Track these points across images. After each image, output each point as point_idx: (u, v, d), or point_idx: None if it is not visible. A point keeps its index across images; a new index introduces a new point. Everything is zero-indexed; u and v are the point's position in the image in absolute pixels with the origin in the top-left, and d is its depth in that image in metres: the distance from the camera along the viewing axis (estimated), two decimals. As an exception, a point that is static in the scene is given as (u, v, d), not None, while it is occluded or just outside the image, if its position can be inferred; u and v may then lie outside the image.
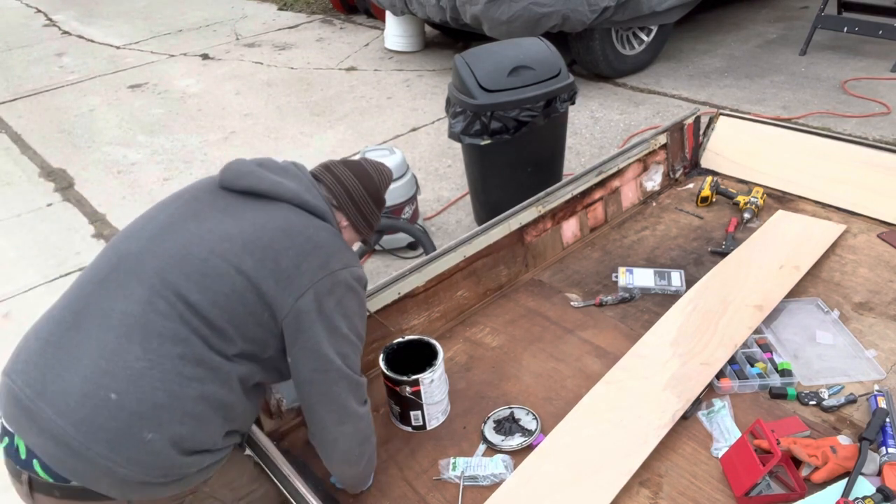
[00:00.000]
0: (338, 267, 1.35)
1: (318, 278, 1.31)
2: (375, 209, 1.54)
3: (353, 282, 1.38)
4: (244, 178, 1.39)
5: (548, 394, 1.85)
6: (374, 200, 1.53)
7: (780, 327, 1.98)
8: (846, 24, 4.24)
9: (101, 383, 1.17)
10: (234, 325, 1.26)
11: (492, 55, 2.54)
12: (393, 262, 2.73)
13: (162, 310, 1.22)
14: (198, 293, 1.24)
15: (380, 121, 4.11)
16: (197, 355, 1.23)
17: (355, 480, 1.55)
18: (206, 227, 1.31)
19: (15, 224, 3.31)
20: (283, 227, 1.34)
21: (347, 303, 1.37)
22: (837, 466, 1.48)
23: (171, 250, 1.28)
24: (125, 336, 1.20)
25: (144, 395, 1.18)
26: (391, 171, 1.63)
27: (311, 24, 6.35)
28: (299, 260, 1.31)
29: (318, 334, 1.31)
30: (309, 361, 1.33)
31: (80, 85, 5.18)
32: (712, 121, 2.91)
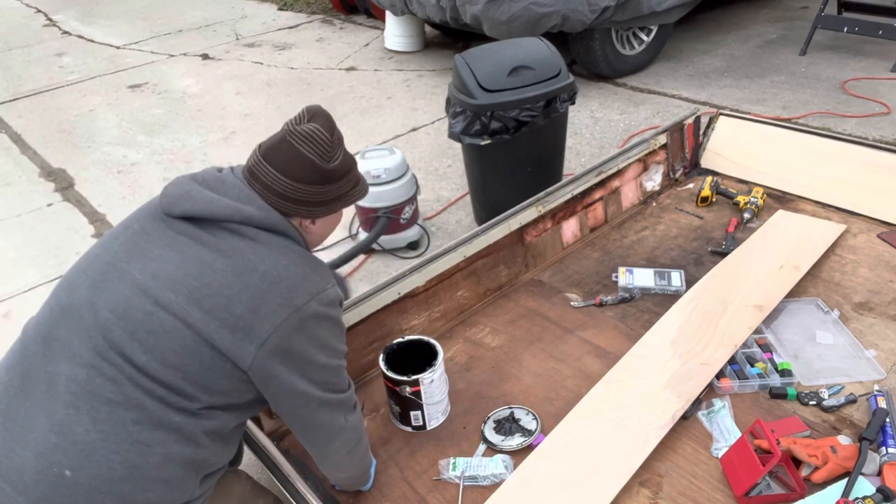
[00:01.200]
0: (303, 301, 1.21)
1: (280, 319, 1.19)
2: (331, 186, 1.29)
3: (323, 309, 1.25)
4: (179, 202, 1.24)
5: (548, 394, 1.85)
6: (322, 181, 1.27)
7: (780, 327, 1.98)
8: (846, 24, 4.24)
9: (52, 460, 1.09)
10: (193, 382, 1.16)
11: (492, 55, 2.54)
12: (393, 262, 2.73)
13: (108, 374, 1.12)
14: (144, 354, 1.13)
15: (380, 121, 4.11)
16: (154, 419, 1.13)
17: (350, 481, 1.54)
18: (150, 271, 1.18)
19: (15, 224, 3.31)
20: (233, 266, 1.19)
21: (321, 333, 1.26)
22: (837, 466, 1.48)
23: (111, 303, 1.16)
24: (72, 405, 1.11)
25: (100, 471, 1.10)
26: (313, 112, 1.32)
27: (311, 24, 6.35)
28: (256, 304, 1.18)
29: (290, 376, 1.22)
30: (286, 399, 1.26)
31: (80, 85, 5.18)
32: (712, 121, 2.91)
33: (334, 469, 1.44)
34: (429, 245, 2.84)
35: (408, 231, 2.76)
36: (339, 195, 1.33)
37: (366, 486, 1.62)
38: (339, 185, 1.31)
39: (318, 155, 1.26)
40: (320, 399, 1.28)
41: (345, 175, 1.32)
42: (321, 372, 1.27)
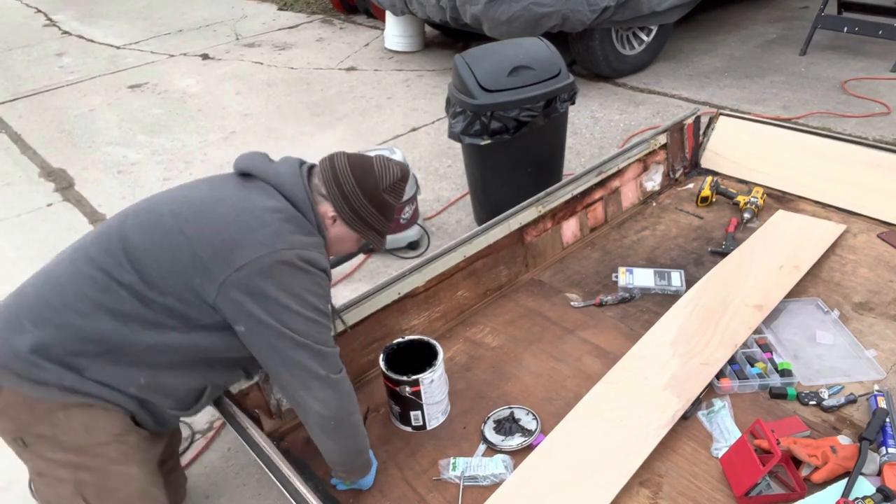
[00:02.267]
0: (283, 247, 1.34)
1: (257, 255, 1.31)
2: (369, 205, 1.47)
3: (301, 263, 1.35)
4: (240, 161, 1.49)
5: (548, 394, 1.85)
6: (366, 196, 1.46)
7: (780, 327, 1.98)
8: (846, 24, 4.24)
9: (30, 281, 1.39)
10: (160, 276, 1.32)
11: (492, 55, 2.54)
12: (393, 262, 2.73)
13: (103, 243, 1.36)
14: (139, 237, 1.34)
15: (380, 121, 4.11)
16: (105, 285, 1.31)
17: (340, 459, 1.51)
18: (184, 193, 1.43)
19: (15, 224, 3.31)
20: (240, 204, 1.38)
21: (294, 282, 1.34)
22: (837, 466, 1.48)
23: (147, 203, 1.43)
24: (69, 258, 1.37)
25: (44, 293, 1.33)
26: (405, 172, 1.52)
27: (311, 24, 6.35)
28: (241, 235, 1.33)
29: (262, 313, 1.31)
30: (260, 332, 1.34)
31: (80, 85, 5.18)
32: (712, 121, 2.91)
33: (321, 431, 1.45)
34: (429, 245, 2.84)
35: (408, 231, 2.76)
36: (366, 218, 1.48)
37: (365, 481, 1.61)
38: (374, 212, 1.48)
39: (381, 175, 1.47)
40: (293, 339, 1.34)
41: (382, 212, 1.49)
42: (296, 319, 1.34)
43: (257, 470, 1.85)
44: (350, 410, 1.47)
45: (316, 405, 1.40)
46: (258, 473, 1.85)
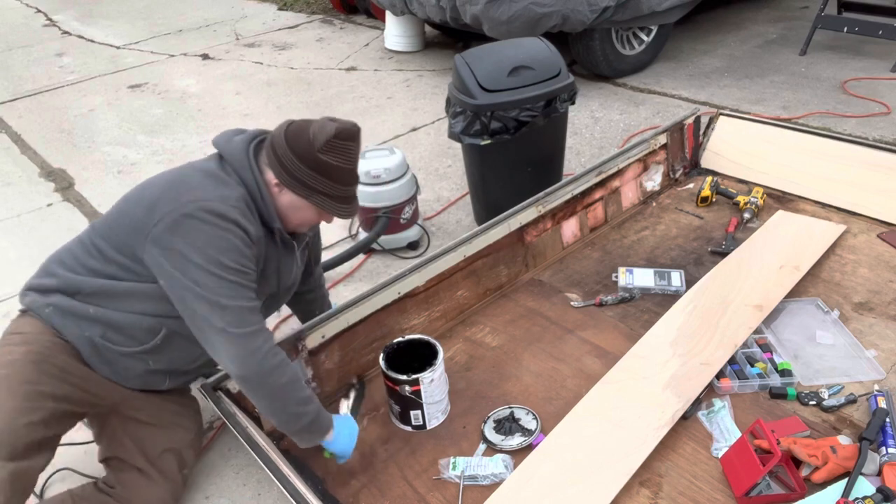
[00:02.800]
0: (186, 200, 1.42)
1: (167, 210, 1.42)
2: (303, 167, 1.47)
3: (202, 213, 1.41)
4: (215, 137, 1.60)
5: (548, 394, 1.85)
6: (300, 157, 1.47)
7: (780, 327, 1.98)
8: (846, 24, 4.23)
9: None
10: (117, 238, 1.51)
11: (492, 55, 2.54)
12: (393, 262, 2.73)
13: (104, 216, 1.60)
14: (114, 207, 1.57)
15: (380, 121, 4.11)
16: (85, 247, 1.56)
17: (276, 421, 1.52)
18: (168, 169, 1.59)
19: (15, 224, 3.31)
20: (184, 170, 1.54)
21: (196, 235, 1.40)
22: (837, 466, 1.48)
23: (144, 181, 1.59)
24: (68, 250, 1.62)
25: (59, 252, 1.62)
26: (343, 129, 1.48)
27: (311, 24, 6.35)
28: (162, 193, 1.47)
29: (169, 262, 1.41)
30: (171, 285, 1.44)
31: (80, 85, 5.18)
32: (712, 121, 2.91)
33: (249, 396, 1.50)
34: (429, 245, 2.84)
35: (408, 231, 2.76)
36: (305, 181, 1.49)
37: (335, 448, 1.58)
38: (311, 174, 1.48)
39: (316, 136, 1.46)
40: (195, 292, 1.41)
41: (322, 173, 1.49)
42: (196, 271, 1.40)
43: (257, 470, 1.85)
44: (265, 371, 1.43)
45: (225, 361, 1.44)
46: (258, 473, 1.85)
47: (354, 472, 1.69)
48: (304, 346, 1.81)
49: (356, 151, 1.54)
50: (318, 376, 1.87)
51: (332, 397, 1.92)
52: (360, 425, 1.82)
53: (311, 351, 1.83)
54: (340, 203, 1.55)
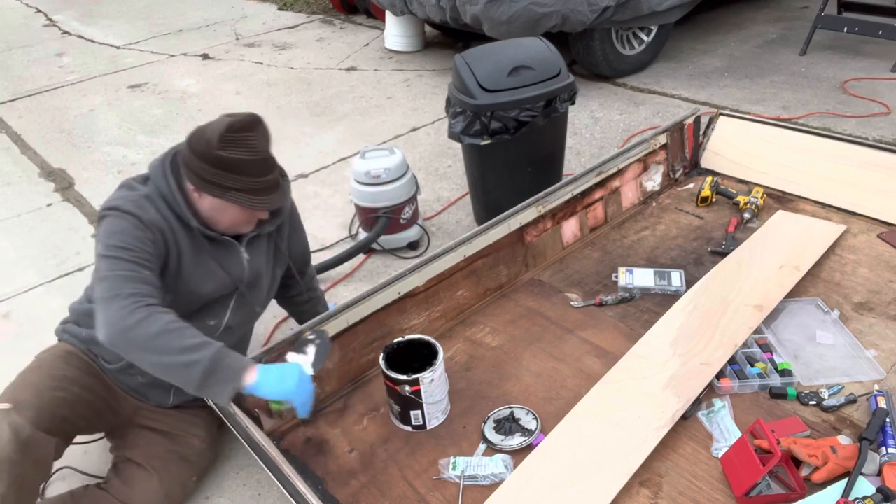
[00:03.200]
0: (101, 206, 1.56)
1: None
2: (206, 165, 1.47)
3: (103, 212, 1.54)
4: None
5: (548, 394, 1.85)
6: (200, 157, 1.48)
7: (780, 327, 1.98)
8: (846, 24, 4.23)
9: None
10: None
11: (492, 55, 2.54)
12: (393, 262, 2.73)
13: None
14: None
15: (380, 121, 4.11)
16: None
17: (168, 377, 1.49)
18: None
19: (15, 224, 3.31)
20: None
21: (99, 231, 1.53)
22: (837, 466, 1.48)
23: None
24: None
25: None
26: (238, 121, 1.48)
27: (311, 24, 6.35)
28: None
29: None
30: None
31: (80, 85, 5.18)
32: (712, 121, 2.91)
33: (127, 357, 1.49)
34: (429, 245, 2.84)
35: (408, 231, 2.76)
36: (212, 180, 1.49)
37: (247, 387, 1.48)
38: (215, 171, 1.48)
39: (215, 138, 1.45)
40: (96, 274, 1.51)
41: (226, 168, 1.48)
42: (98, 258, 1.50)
43: (257, 470, 1.85)
44: (127, 327, 1.39)
45: (97, 331, 1.44)
46: (258, 473, 1.85)
47: (354, 472, 1.69)
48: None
49: (257, 141, 1.51)
50: (318, 376, 1.87)
51: (332, 397, 1.92)
52: (360, 425, 1.82)
53: (311, 351, 1.83)
54: (256, 195, 1.53)
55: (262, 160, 1.53)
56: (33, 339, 2.45)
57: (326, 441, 1.78)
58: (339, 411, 1.88)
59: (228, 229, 1.63)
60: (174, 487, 1.69)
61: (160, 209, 1.54)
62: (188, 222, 1.57)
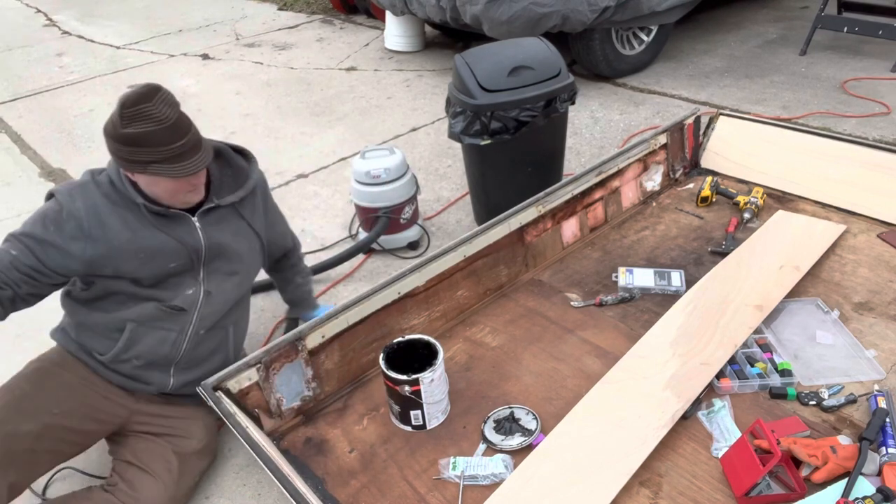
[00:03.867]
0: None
1: None
2: (121, 146, 1.52)
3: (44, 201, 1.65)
4: None
5: (548, 394, 1.85)
6: (113, 138, 1.53)
7: (780, 327, 1.98)
8: (846, 24, 4.24)
9: None
10: None
11: (492, 55, 2.54)
12: (393, 262, 2.73)
13: None
14: None
15: (380, 121, 4.11)
16: None
17: None
18: None
19: (15, 224, 3.29)
20: None
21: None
22: (837, 466, 1.48)
23: None
24: None
25: None
26: (134, 94, 1.50)
27: (311, 24, 6.35)
28: None
29: None
30: None
31: (80, 85, 5.18)
32: (712, 121, 2.91)
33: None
34: (429, 245, 2.84)
35: (408, 231, 2.76)
36: (129, 158, 1.53)
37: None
38: (129, 149, 1.51)
39: (116, 117, 1.50)
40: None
41: (136, 143, 1.50)
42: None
43: (257, 470, 1.85)
44: None
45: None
46: (258, 473, 1.85)
47: (354, 471, 1.69)
48: (304, 345, 1.82)
49: (156, 110, 1.49)
50: (318, 376, 1.87)
51: (332, 397, 1.92)
52: (360, 425, 1.82)
53: (311, 351, 1.83)
54: (174, 163, 1.53)
55: (168, 127, 1.50)
56: (33, 339, 2.45)
57: (326, 441, 1.78)
58: (339, 411, 1.88)
59: (174, 201, 1.64)
60: (178, 490, 1.70)
61: (101, 192, 1.62)
62: (133, 199, 1.61)
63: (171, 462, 1.71)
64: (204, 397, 1.65)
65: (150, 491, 1.65)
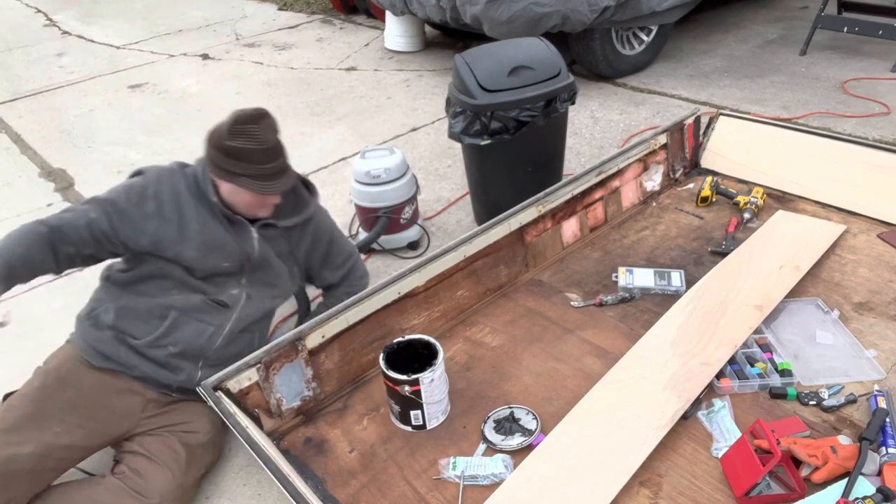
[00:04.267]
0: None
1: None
2: (218, 153, 1.69)
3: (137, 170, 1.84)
4: None
5: (548, 394, 1.85)
6: (213, 146, 1.71)
7: (780, 327, 1.98)
8: (846, 24, 4.24)
9: None
10: None
11: (492, 55, 2.54)
12: (393, 262, 2.73)
13: None
14: None
15: (380, 121, 4.11)
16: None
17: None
18: None
19: (15, 224, 3.29)
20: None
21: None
22: (837, 466, 1.48)
23: None
24: None
25: None
26: (245, 114, 1.70)
27: (311, 24, 6.35)
28: None
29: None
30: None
31: (80, 85, 5.18)
32: (712, 121, 2.91)
33: None
34: (429, 245, 2.84)
35: (408, 231, 2.76)
36: (223, 166, 1.71)
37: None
38: (225, 158, 1.69)
39: (225, 129, 1.69)
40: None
41: (233, 155, 1.68)
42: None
43: (257, 470, 1.85)
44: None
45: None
46: (258, 473, 1.85)
47: (354, 471, 1.69)
48: (304, 345, 1.82)
49: (261, 132, 1.69)
50: (318, 376, 1.87)
51: (332, 397, 1.92)
52: (361, 425, 1.82)
53: (311, 351, 1.83)
54: (263, 181, 1.71)
55: (266, 149, 1.69)
56: (33, 339, 2.45)
57: (326, 441, 1.78)
58: (339, 411, 1.88)
59: (247, 211, 1.81)
60: (185, 479, 1.71)
61: (185, 183, 1.79)
62: (209, 197, 1.78)
63: (179, 452, 1.73)
64: (204, 397, 1.65)
65: (158, 478, 1.67)
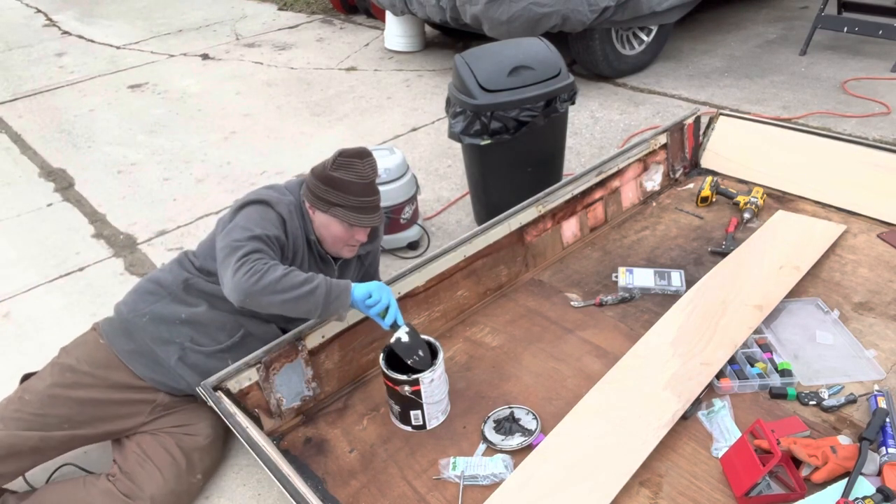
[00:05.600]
0: (251, 194, 1.83)
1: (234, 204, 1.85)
2: (319, 184, 1.77)
3: (255, 198, 1.79)
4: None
5: (548, 394, 1.85)
6: (316, 177, 1.78)
7: (780, 327, 1.98)
8: (846, 24, 4.24)
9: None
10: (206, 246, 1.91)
11: (492, 55, 2.54)
12: (393, 262, 2.73)
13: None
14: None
15: (380, 121, 4.11)
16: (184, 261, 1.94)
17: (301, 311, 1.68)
18: None
19: (15, 224, 3.31)
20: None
21: (244, 211, 1.77)
22: (837, 466, 1.48)
23: None
24: None
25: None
26: (351, 149, 1.77)
27: (311, 24, 6.35)
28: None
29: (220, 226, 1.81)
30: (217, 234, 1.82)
31: (80, 85, 5.18)
32: (712, 121, 2.91)
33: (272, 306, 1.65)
34: (429, 245, 2.84)
35: (408, 231, 2.76)
36: (321, 196, 1.77)
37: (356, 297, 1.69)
38: (324, 188, 1.76)
39: (331, 161, 1.77)
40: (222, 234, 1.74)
41: (334, 186, 1.75)
42: (232, 227, 1.73)
43: (257, 470, 1.85)
44: (251, 283, 1.58)
45: (226, 289, 1.63)
46: (258, 473, 1.85)
47: (354, 471, 1.69)
48: (304, 346, 1.82)
49: (364, 168, 1.76)
50: (318, 376, 1.87)
51: (332, 397, 1.92)
52: (361, 425, 1.82)
53: (311, 351, 1.83)
54: (358, 213, 1.77)
55: (365, 184, 1.77)
56: (33, 339, 2.45)
57: (326, 441, 1.78)
58: (339, 411, 1.88)
59: (332, 246, 1.86)
60: (179, 485, 1.71)
61: (297, 219, 1.82)
62: (308, 235, 1.84)
63: (175, 456, 1.73)
64: (204, 397, 1.65)
65: (150, 482, 1.68)
